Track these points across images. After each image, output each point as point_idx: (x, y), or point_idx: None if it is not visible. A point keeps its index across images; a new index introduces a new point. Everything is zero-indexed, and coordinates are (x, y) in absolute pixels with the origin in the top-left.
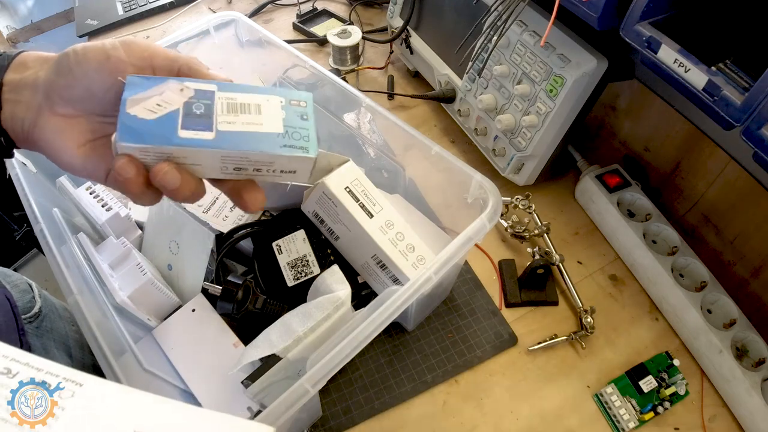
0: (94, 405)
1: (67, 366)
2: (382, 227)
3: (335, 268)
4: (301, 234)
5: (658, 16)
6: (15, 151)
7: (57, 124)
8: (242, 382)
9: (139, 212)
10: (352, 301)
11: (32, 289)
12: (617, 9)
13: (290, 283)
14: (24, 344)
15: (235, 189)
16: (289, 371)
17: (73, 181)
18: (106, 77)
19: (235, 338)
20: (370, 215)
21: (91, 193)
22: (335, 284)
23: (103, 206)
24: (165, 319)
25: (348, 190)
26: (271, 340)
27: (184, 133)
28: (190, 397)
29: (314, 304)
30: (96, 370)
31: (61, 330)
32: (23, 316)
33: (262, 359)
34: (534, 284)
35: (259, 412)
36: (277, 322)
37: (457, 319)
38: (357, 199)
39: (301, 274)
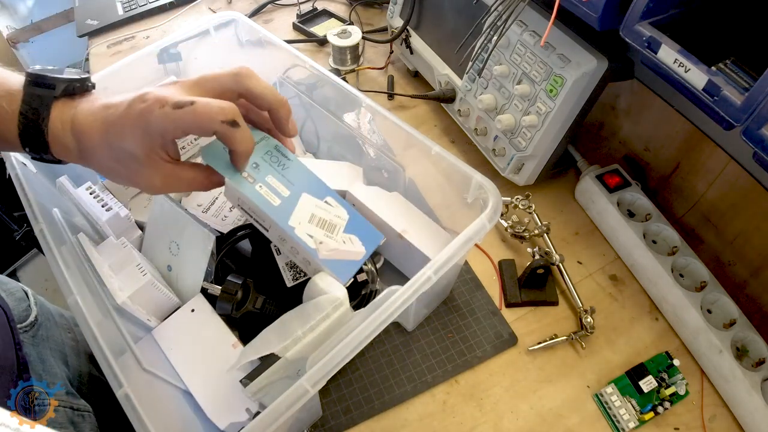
0: None
1: (64, 374)
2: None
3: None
4: None
5: (658, 16)
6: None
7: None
8: (240, 381)
9: (140, 212)
10: (351, 301)
11: (28, 297)
12: (617, 9)
13: (289, 283)
14: (20, 359)
15: None
16: (288, 371)
17: (72, 181)
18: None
19: (234, 339)
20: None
21: (91, 193)
22: (330, 286)
23: (103, 206)
24: (165, 319)
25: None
26: (269, 339)
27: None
28: (189, 397)
29: (313, 304)
30: (92, 378)
31: (57, 338)
32: (19, 326)
33: (260, 358)
34: (534, 284)
35: (257, 413)
36: (275, 322)
37: (457, 319)
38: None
39: (300, 274)
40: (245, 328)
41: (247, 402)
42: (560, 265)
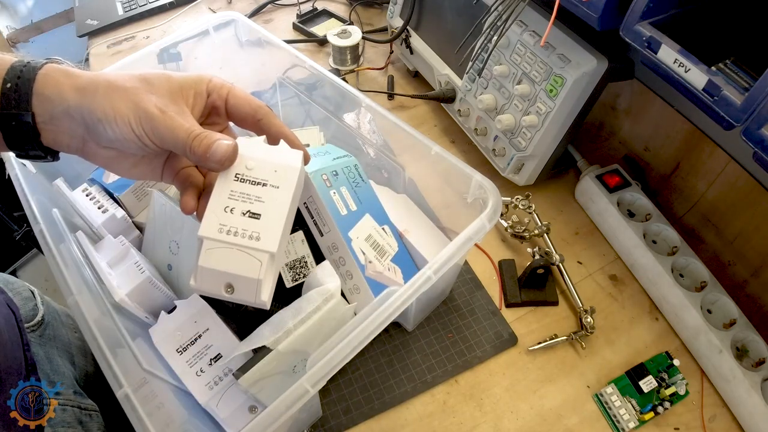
0: None
1: (71, 374)
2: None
3: (326, 263)
4: (299, 236)
5: (658, 16)
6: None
7: (106, 154)
8: (233, 374)
9: (138, 214)
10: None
11: (35, 296)
12: (617, 9)
13: (289, 284)
14: (29, 360)
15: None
16: (282, 365)
17: (68, 183)
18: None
19: (233, 338)
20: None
21: (87, 195)
22: (325, 278)
23: (99, 208)
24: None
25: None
26: (262, 333)
27: None
28: (188, 396)
29: (304, 298)
30: (98, 377)
31: (64, 338)
32: (26, 325)
33: (253, 351)
34: (534, 284)
35: (258, 412)
36: (271, 318)
37: (457, 319)
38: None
39: (299, 275)
40: (245, 327)
41: (248, 401)
42: (560, 265)
